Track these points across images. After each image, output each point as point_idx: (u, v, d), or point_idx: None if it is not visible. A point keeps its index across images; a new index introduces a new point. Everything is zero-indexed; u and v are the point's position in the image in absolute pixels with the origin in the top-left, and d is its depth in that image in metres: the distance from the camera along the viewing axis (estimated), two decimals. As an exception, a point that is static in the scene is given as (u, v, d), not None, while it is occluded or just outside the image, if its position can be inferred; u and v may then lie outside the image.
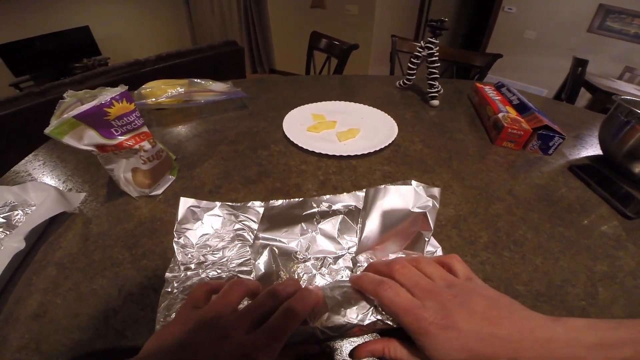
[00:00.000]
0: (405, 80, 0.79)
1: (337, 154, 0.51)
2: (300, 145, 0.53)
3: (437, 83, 0.71)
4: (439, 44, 0.68)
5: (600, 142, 0.56)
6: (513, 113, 0.62)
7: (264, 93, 0.78)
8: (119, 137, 0.38)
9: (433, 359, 0.22)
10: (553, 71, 2.73)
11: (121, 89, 0.39)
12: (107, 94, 0.37)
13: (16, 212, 0.40)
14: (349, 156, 0.51)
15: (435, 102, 0.72)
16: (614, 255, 0.36)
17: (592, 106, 1.91)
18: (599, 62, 2.43)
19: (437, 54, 0.69)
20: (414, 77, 0.78)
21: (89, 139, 0.36)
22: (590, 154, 0.58)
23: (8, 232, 0.37)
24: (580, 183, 0.49)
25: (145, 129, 0.41)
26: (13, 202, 0.41)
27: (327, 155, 0.51)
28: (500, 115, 0.59)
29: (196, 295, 0.26)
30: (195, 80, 0.69)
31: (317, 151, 0.51)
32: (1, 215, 0.39)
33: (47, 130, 0.34)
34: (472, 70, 1.24)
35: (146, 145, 0.40)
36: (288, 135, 0.55)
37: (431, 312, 0.22)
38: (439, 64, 0.70)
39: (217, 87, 0.68)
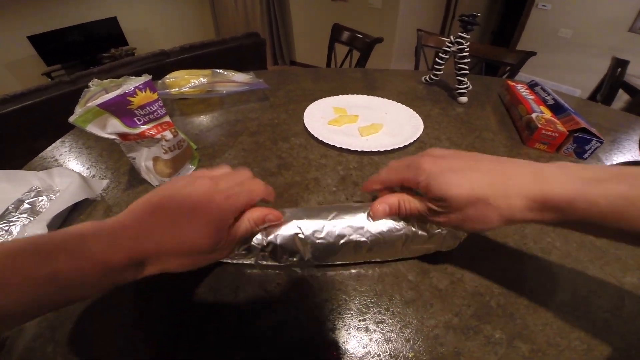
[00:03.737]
0: (431, 76, 0.76)
1: (359, 149, 0.49)
2: (320, 138, 0.52)
3: (466, 79, 0.68)
4: (470, 39, 0.65)
5: None
6: (548, 113, 0.58)
7: (285, 85, 0.77)
8: (142, 126, 0.38)
9: (436, 197, 0.24)
10: (588, 71, 2.59)
11: (145, 78, 0.38)
12: (131, 83, 0.37)
13: (40, 198, 0.40)
14: (371, 152, 0.50)
15: (464, 99, 0.69)
16: (647, 267, 0.34)
17: (631, 109, 1.80)
18: (642, 63, 2.27)
19: (468, 49, 0.65)
20: (441, 72, 0.75)
21: (112, 128, 0.36)
22: (628, 160, 0.54)
23: (32, 218, 0.38)
24: None
25: (167, 118, 0.41)
26: (39, 188, 0.42)
27: (348, 150, 0.50)
28: (533, 115, 0.56)
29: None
30: (218, 70, 0.69)
31: (338, 145, 0.50)
32: (27, 201, 0.40)
33: (71, 119, 0.35)
34: (501, 68, 1.19)
35: (168, 134, 0.40)
36: (309, 128, 0.54)
37: (427, 159, 0.26)
38: (469, 60, 0.67)
39: (239, 78, 0.67)
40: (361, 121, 0.59)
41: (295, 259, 0.29)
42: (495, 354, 0.26)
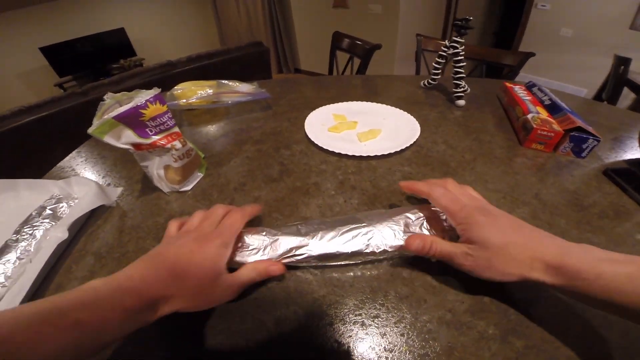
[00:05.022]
0: (430, 80, 0.78)
1: (357, 154, 0.51)
2: (320, 145, 0.54)
3: (463, 82, 0.70)
4: (465, 42, 0.67)
5: None
6: (544, 114, 0.59)
7: (288, 93, 0.80)
8: (153, 136, 0.41)
9: (474, 239, 0.28)
10: (592, 70, 2.57)
11: (154, 91, 0.41)
12: (142, 96, 0.40)
13: (61, 205, 0.43)
14: (368, 156, 0.51)
15: (461, 102, 0.71)
16: (650, 265, 0.34)
17: (636, 106, 1.77)
18: (645, 61, 2.24)
19: (463, 53, 0.67)
20: (439, 76, 0.77)
21: (126, 138, 0.39)
22: (629, 158, 0.54)
23: (54, 223, 0.41)
24: (616, 188, 0.46)
25: (176, 129, 0.43)
26: (59, 195, 0.45)
27: (347, 155, 0.52)
28: (529, 116, 0.57)
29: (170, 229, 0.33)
30: (223, 81, 0.72)
31: (337, 151, 0.52)
32: (48, 207, 0.42)
33: (90, 130, 0.37)
34: (504, 70, 1.19)
35: (177, 144, 0.43)
36: (309, 136, 0.57)
37: (473, 207, 0.30)
38: (464, 64, 0.68)
39: (243, 88, 0.70)
40: (360, 127, 0.61)
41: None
42: (489, 350, 0.27)
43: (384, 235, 0.32)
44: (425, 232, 0.33)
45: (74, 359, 0.22)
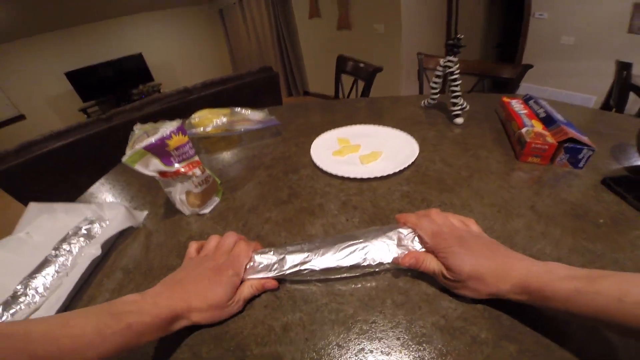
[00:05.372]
0: (429, 100, 0.82)
1: (359, 177, 0.55)
2: (325, 169, 0.58)
3: (460, 100, 0.73)
4: (458, 61, 0.70)
5: (639, 152, 0.51)
6: (539, 126, 0.60)
7: (296, 119, 0.85)
8: (176, 164, 0.46)
9: (451, 267, 0.32)
10: (598, 76, 2.54)
11: (177, 123, 0.47)
12: (166, 128, 0.45)
13: (94, 225, 0.48)
14: (369, 178, 0.55)
15: (459, 120, 0.73)
16: (647, 270, 0.33)
17: (642, 112, 1.75)
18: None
19: (458, 71, 0.71)
20: (438, 95, 0.80)
21: (153, 166, 0.45)
22: (629, 165, 0.52)
23: (88, 242, 0.46)
24: (615, 197, 0.46)
25: (196, 157, 0.49)
26: (92, 218, 0.50)
27: (349, 178, 0.55)
28: (523, 130, 0.58)
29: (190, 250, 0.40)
30: (236, 109, 0.78)
31: (339, 174, 0.56)
32: (84, 227, 0.48)
33: (123, 159, 0.43)
34: (509, 83, 1.20)
35: (197, 171, 0.48)
36: (315, 161, 0.61)
37: (452, 238, 0.34)
38: (460, 82, 0.72)
39: (254, 116, 0.76)
40: (362, 150, 0.65)
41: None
42: (482, 353, 0.28)
43: (379, 249, 0.36)
44: (417, 245, 0.37)
45: (120, 354, 0.27)
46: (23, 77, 3.42)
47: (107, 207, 0.52)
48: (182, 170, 0.46)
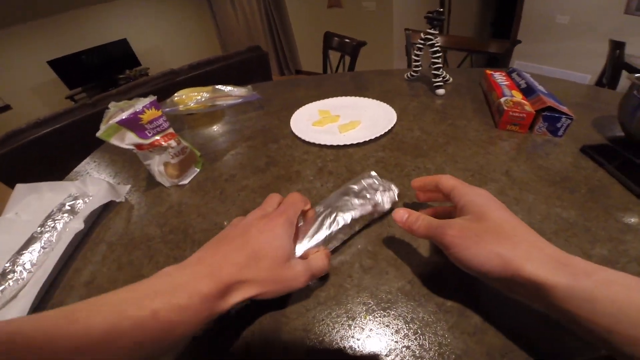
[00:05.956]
0: (412, 73, 0.82)
1: (335, 144, 0.56)
2: (303, 138, 0.59)
3: (442, 72, 0.73)
4: (438, 34, 0.70)
5: (620, 123, 0.52)
6: (519, 96, 0.61)
7: (281, 94, 0.85)
8: (152, 137, 0.47)
9: (471, 209, 0.26)
10: (592, 56, 2.54)
11: (150, 99, 0.47)
12: (139, 103, 0.46)
13: (78, 201, 0.49)
14: (345, 145, 0.56)
15: (441, 91, 0.74)
16: (619, 239, 0.33)
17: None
18: (640, 44, 2.20)
19: (438, 44, 0.71)
20: (420, 68, 0.80)
21: (129, 140, 0.45)
22: (611, 135, 0.53)
23: (72, 217, 0.46)
24: (592, 164, 0.46)
25: (171, 130, 0.49)
26: (76, 194, 0.50)
27: (326, 145, 0.56)
28: (502, 99, 0.60)
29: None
30: (218, 87, 0.78)
31: (317, 142, 0.57)
32: (67, 204, 0.48)
33: (98, 134, 0.44)
34: (499, 60, 1.19)
35: (173, 143, 0.49)
36: (294, 131, 0.62)
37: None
38: (440, 54, 0.72)
39: (236, 92, 0.76)
40: (342, 120, 0.66)
41: None
42: (447, 322, 0.28)
43: (344, 211, 0.35)
44: (379, 196, 0.37)
45: (145, 356, 0.20)
46: (6, 67, 3.34)
47: (90, 183, 0.52)
48: (158, 142, 0.47)
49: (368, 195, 0.37)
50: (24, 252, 0.41)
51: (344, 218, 0.34)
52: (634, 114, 0.48)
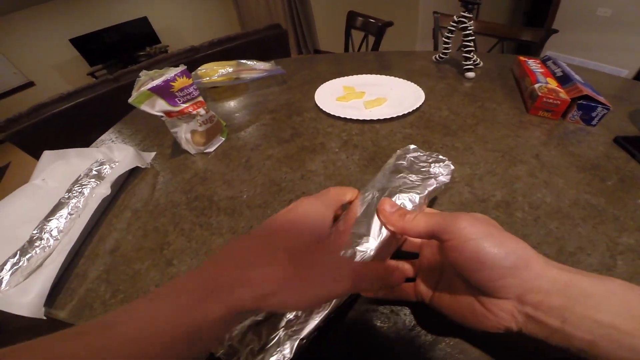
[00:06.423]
0: (441, 54, 0.79)
1: (361, 119, 0.55)
2: (327, 111, 0.58)
3: (473, 56, 0.70)
4: (472, 18, 0.67)
5: None
6: (554, 84, 0.59)
7: (302, 70, 0.84)
8: (181, 105, 0.47)
9: (455, 230, 0.20)
10: (633, 51, 2.40)
11: (181, 67, 0.47)
12: (171, 72, 0.46)
13: (104, 167, 0.50)
14: (371, 120, 0.55)
15: (471, 74, 0.71)
16: (648, 230, 0.32)
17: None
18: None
19: (471, 28, 0.68)
20: (449, 51, 0.78)
21: (159, 107, 0.46)
22: None
23: (98, 182, 0.47)
24: (625, 155, 0.44)
25: (200, 98, 0.50)
26: (102, 160, 0.51)
27: (352, 119, 0.56)
28: (536, 85, 0.57)
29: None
30: (242, 61, 0.77)
31: (342, 116, 0.56)
32: (94, 169, 0.49)
33: (130, 100, 0.44)
34: (531, 47, 1.13)
35: (201, 111, 0.49)
36: (319, 104, 0.61)
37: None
38: (473, 37, 0.69)
39: (260, 66, 0.75)
40: (367, 96, 0.64)
41: None
42: None
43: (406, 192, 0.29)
44: (436, 168, 0.32)
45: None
46: (29, 45, 3.40)
47: (116, 149, 0.53)
48: (187, 109, 0.47)
49: (423, 169, 0.32)
50: (51, 218, 0.40)
51: (411, 199, 0.28)
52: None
